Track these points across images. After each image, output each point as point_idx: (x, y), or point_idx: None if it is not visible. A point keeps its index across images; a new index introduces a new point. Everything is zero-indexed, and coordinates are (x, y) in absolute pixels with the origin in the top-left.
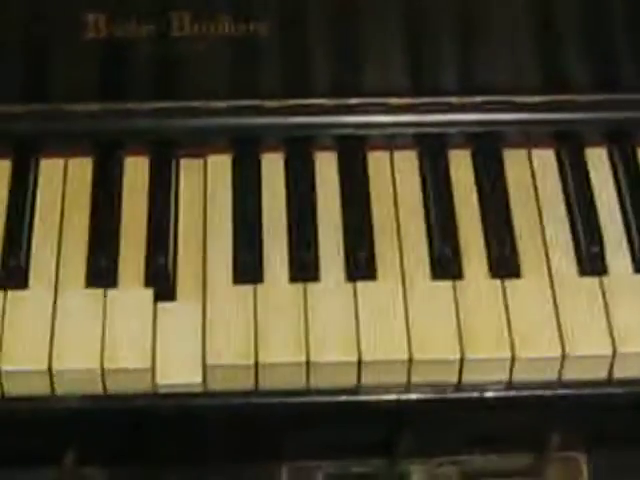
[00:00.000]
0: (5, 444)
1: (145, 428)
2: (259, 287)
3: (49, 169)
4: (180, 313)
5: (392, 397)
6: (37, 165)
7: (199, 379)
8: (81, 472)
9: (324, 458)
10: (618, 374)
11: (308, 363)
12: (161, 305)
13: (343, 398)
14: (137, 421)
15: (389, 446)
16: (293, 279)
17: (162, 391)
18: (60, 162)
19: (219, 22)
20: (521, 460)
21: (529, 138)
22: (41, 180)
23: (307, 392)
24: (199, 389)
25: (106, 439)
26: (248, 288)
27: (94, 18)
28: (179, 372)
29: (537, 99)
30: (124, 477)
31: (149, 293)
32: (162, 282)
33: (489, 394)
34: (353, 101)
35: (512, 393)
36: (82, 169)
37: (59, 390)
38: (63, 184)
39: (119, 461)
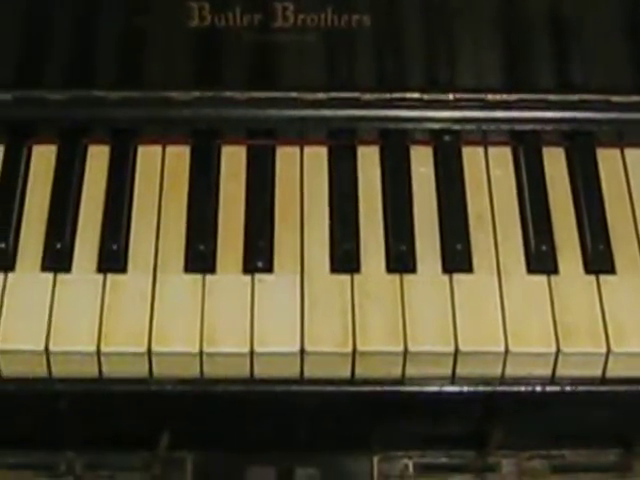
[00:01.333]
0: (100, 427)
1: (238, 413)
2: (356, 277)
3: (147, 156)
4: (278, 298)
5: (486, 389)
6: (135, 152)
7: (297, 369)
8: (173, 456)
9: (414, 449)
10: None
11: (405, 352)
12: (259, 289)
13: (436, 388)
14: (231, 406)
15: (479, 438)
16: (390, 270)
17: (258, 376)
18: (158, 149)
19: (322, 13)
20: (610, 455)
21: (622, 137)
22: (139, 166)
23: (401, 382)
24: (296, 375)
25: (199, 423)
26: (346, 277)
27: (198, 6)
28: (277, 359)
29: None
30: (213, 462)
31: (247, 279)
32: (259, 265)
33: (581, 388)
34: (449, 96)
35: (604, 388)
36: (180, 156)
37: (156, 373)
38: (161, 171)
39: (208, 446)
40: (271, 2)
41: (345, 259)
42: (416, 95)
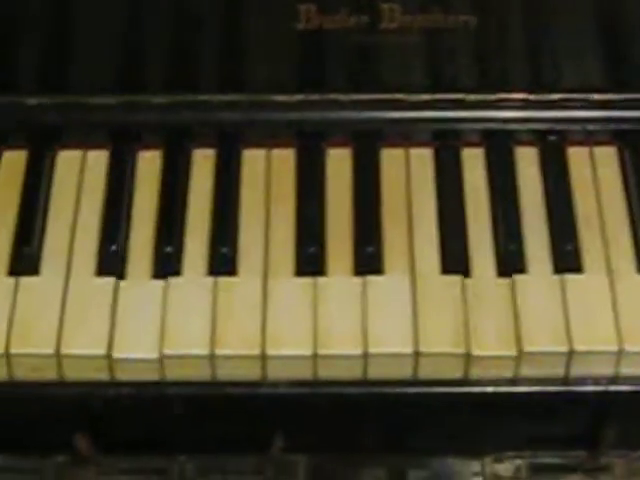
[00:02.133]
0: (212, 430)
1: (351, 415)
2: (467, 278)
3: (253, 159)
4: (389, 300)
5: (597, 388)
6: (240, 155)
7: (410, 370)
8: (285, 459)
9: (526, 449)
10: None
11: (519, 354)
12: (371, 292)
13: (549, 389)
14: (344, 408)
15: (591, 438)
16: (500, 271)
17: (371, 378)
18: (263, 152)
19: (428, 14)
20: None
21: None
22: (245, 170)
23: (514, 382)
24: (409, 377)
25: (312, 426)
26: (456, 278)
27: (305, 8)
28: (390, 360)
29: None
30: (325, 465)
31: (358, 281)
32: (370, 268)
33: None
34: (554, 97)
35: None
36: (285, 159)
37: (270, 375)
38: (266, 174)
39: (321, 448)
40: (378, 3)
41: (455, 260)
42: (521, 96)
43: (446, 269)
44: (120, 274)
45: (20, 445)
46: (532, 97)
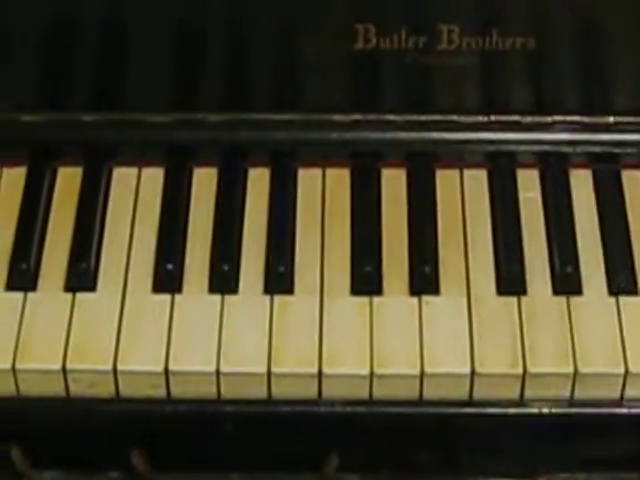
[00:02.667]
0: (266, 449)
1: (406, 434)
2: (523, 299)
3: (307, 178)
4: (445, 320)
5: None
6: (295, 174)
7: (466, 390)
8: (340, 478)
9: (579, 471)
10: None
11: (575, 374)
12: (427, 311)
13: (604, 410)
14: (399, 427)
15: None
16: (556, 292)
17: (427, 398)
18: (318, 172)
19: (487, 36)
20: None
21: None
22: (300, 189)
23: (571, 403)
24: (465, 397)
25: (366, 445)
26: (512, 299)
27: (364, 28)
28: (447, 381)
29: None
30: None
31: (414, 301)
32: (426, 287)
33: None
34: (610, 119)
35: None
36: (340, 179)
37: (325, 394)
38: (322, 193)
39: (375, 468)
40: (437, 24)
41: (512, 281)
42: (576, 118)
43: (502, 290)
44: (176, 291)
45: (76, 461)
46: (587, 119)
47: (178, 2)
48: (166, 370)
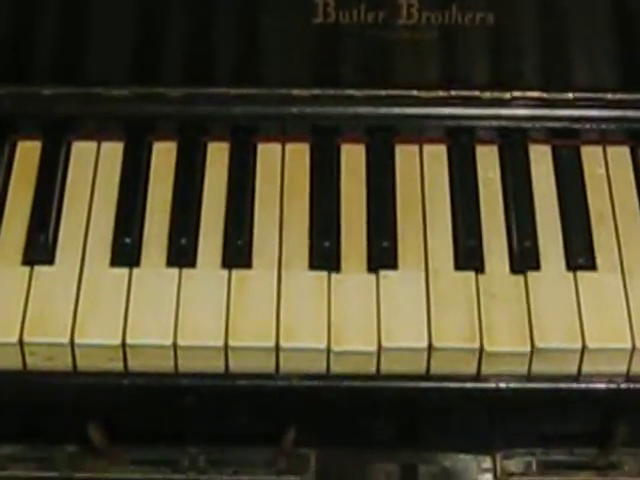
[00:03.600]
0: (224, 422)
1: (363, 409)
2: (480, 274)
3: (267, 153)
4: (403, 295)
5: (610, 386)
6: (255, 149)
7: (424, 365)
8: (297, 452)
9: (537, 446)
10: None
11: (532, 350)
12: (385, 287)
13: (562, 385)
14: (357, 402)
15: (602, 436)
16: (513, 267)
17: (384, 372)
18: (278, 146)
19: (446, 11)
20: None
21: None
22: (259, 164)
23: (527, 379)
24: (422, 371)
25: (324, 419)
26: (470, 274)
27: (323, 3)
28: (404, 355)
29: None
30: (336, 458)
31: (372, 276)
32: (384, 262)
33: None
34: (569, 95)
35: None
36: (300, 154)
37: (283, 368)
38: (281, 168)
39: (333, 442)
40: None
41: (469, 256)
42: (535, 94)
43: (460, 265)
44: (134, 265)
45: (33, 435)
46: (546, 95)
47: None
48: (123, 343)
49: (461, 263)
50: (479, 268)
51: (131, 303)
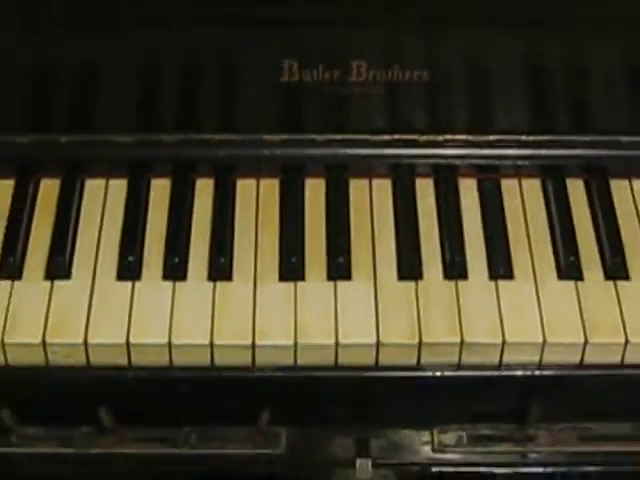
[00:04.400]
0: (211, 406)
1: (325, 394)
2: (420, 283)
3: (245, 188)
4: (356, 301)
5: (526, 373)
6: (235, 185)
7: (373, 358)
8: (271, 430)
9: (467, 422)
10: None
11: (462, 343)
12: (341, 295)
13: (487, 373)
14: (319, 388)
15: (520, 414)
16: (446, 277)
17: (341, 363)
18: (253, 182)
19: (390, 70)
20: (624, 428)
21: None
22: (239, 196)
23: (458, 367)
24: (372, 363)
25: (293, 403)
26: (411, 284)
27: (289, 64)
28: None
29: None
30: (304, 435)
31: (330, 285)
32: (340, 274)
33: (603, 372)
34: (490, 138)
35: (618, 372)
36: (272, 188)
37: (258, 362)
38: (256, 200)
39: (301, 421)
40: (348, 61)
41: (410, 269)
42: (463, 137)
43: (402, 276)
44: (136, 279)
45: (53, 418)
46: (472, 138)
47: (140, 50)
48: (127, 343)
49: (403, 274)
50: (418, 277)
51: (134, 310)
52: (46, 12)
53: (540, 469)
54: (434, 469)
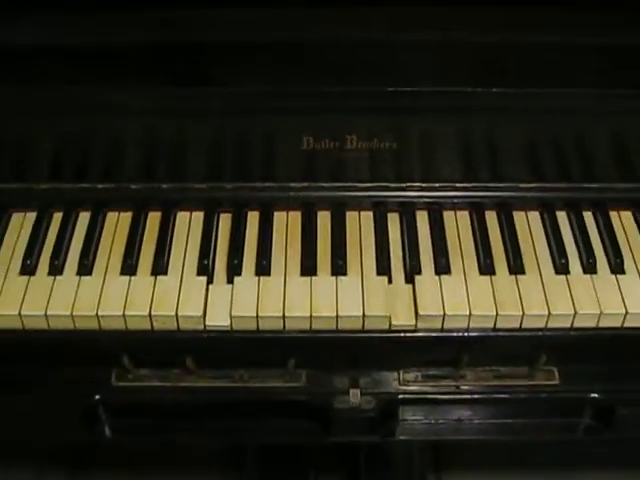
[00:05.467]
0: (257, 355)
1: (332, 350)
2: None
3: (278, 218)
4: (349, 288)
5: (460, 334)
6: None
7: (360, 324)
8: (295, 371)
9: (421, 366)
10: None
11: (417, 314)
12: (341, 284)
13: (434, 334)
14: (326, 345)
15: (455, 361)
16: (406, 273)
17: (342, 327)
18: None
19: (372, 142)
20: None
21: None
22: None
23: (415, 330)
24: (360, 327)
25: (309, 355)
26: (384, 278)
27: (306, 138)
28: (352, 319)
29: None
30: (316, 375)
31: (333, 279)
32: (340, 271)
33: (501, 334)
34: (437, 184)
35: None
36: (296, 218)
37: (287, 327)
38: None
39: (317, 366)
40: (344, 135)
41: (384, 269)
42: (418, 184)
43: (379, 273)
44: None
45: (157, 363)
46: (425, 185)
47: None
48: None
49: (379, 272)
50: (389, 274)
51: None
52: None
53: (468, 396)
54: (400, 396)
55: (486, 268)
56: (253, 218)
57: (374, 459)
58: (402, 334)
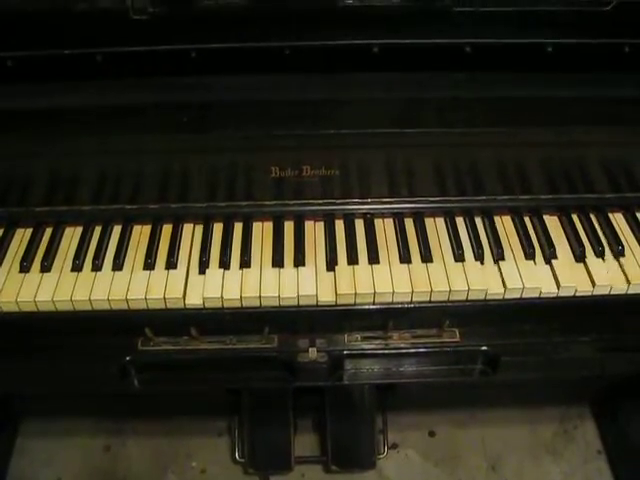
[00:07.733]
0: (238, 325)
1: (292, 320)
2: (336, 268)
3: (257, 228)
4: (306, 276)
5: (382, 307)
6: (252, 226)
7: (315, 301)
8: (269, 336)
9: (359, 330)
10: None
11: (355, 293)
12: (301, 274)
13: (367, 307)
14: (291, 317)
15: (384, 327)
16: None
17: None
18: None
19: (321, 170)
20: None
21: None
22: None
23: (354, 304)
24: (315, 304)
25: (279, 324)
26: (331, 273)
27: (274, 168)
28: (308, 298)
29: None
30: (284, 338)
31: (295, 269)
32: (300, 264)
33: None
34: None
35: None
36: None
37: (263, 304)
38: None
39: (281, 332)
40: (301, 166)
41: (331, 262)
42: (356, 200)
43: (328, 268)
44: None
45: (171, 332)
46: (361, 200)
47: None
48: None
49: (329, 266)
50: (335, 265)
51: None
52: None
53: (395, 351)
54: (345, 352)
55: (405, 258)
56: (238, 227)
57: (335, 401)
58: (346, 307)
